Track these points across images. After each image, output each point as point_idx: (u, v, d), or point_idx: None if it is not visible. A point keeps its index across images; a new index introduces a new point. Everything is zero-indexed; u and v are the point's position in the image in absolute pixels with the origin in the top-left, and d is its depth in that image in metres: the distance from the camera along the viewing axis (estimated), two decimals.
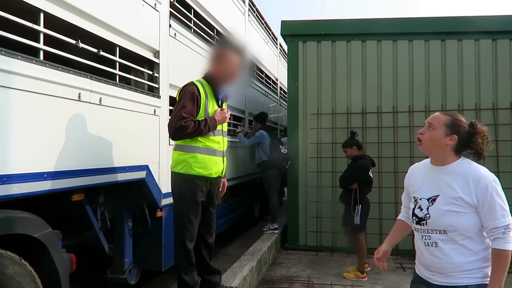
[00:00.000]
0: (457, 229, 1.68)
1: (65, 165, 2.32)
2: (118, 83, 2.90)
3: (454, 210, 1.68)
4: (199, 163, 2.80)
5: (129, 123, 3.01)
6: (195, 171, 2.79)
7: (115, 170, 2.81)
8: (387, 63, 5.29)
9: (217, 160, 2.91)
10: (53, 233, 2.21)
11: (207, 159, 2.83)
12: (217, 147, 2.90)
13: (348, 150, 4.48)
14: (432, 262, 1.75)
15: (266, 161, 5.76)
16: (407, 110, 5.21)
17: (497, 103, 5.04)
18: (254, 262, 4.12)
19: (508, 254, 1.63)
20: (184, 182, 2.82)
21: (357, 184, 4.28)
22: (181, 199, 2.86)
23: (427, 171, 1.83)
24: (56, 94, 2.25)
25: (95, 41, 2.68)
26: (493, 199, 1.65)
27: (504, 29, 5.07)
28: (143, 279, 3.70)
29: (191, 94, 2.76)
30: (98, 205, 2.99)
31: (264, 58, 7.40)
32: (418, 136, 1.82)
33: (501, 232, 1.63)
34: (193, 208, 2.84)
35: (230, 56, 2.95)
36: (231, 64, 2.93)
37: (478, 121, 1.78)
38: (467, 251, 1.69)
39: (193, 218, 2.83)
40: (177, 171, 2.84)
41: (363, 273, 4.27)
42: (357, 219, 4.27)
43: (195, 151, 2.79)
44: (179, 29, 3.78)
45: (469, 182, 1.68)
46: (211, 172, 2.87)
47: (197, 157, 2.79)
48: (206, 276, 3.06)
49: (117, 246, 3.27)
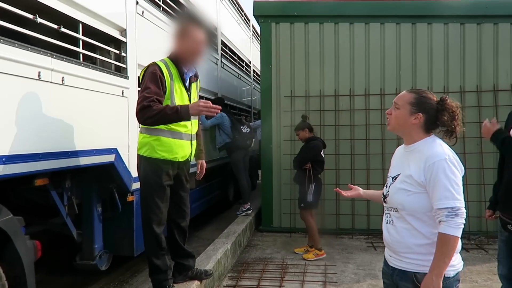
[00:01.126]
0: (405, 208, 1.64)
1: (26, 148, 2.20)
2: (82, 62, 2.75)
3: (404, 188, 1.64)
4: (163, 146, 2.69)
5: (96, 105, 2.88)
6: (159, 155, 2.69)
7: (81, 154, 2.70)
8: (359, 45, 5.31)
9: (183, 143, 2.79)
10: (14, 219, 2.10)
11: (172, 143, 2.71)
12: (184, 130, 2.76)
13: (300, 133, 4.62)
14: (388, 240, 1.73)
15: (229, 142, 5.76)
16: (378, 93, 5.28)
17: (464, 86, 5.18)
18: (228, 244, 4.12)
19: (450, 239, 1.51)
20: (149, 165, 2.72)
21: (310, 164, 4.41)
22: (146, 183, 2.76)
23: (402, 150, 1.81)
24: (13, 73, 2.11)
25: (55, 17, 2.52)
26: (437, 178, 1.55)
27: (471, 13, 5.17)
28: (114, 265, 3.63)
29: (152, 75, 2.60)
30: (64, 190, 2.88)
31: (237, 40, 7.28)
32: (387, 116, 1.78)
33: (444, 215, 1.52)
34: (159, 191, 2.74)
35: (193, 32, 2.78)
36: (195, 41, 2.76)
37: (447, 96, 1.70)
38: (418, 233, 1.61)
39: (159, 202, 2.74)
40: (141, 154, 2.75)
41: (321, 250, 4.41)
42: (310, 197, 4.44)
43: (158, 133, 2.67)
44: (147, 6, 3.63)
45: (422, 160, 1.61)
46: (176, 156, 2.76)
47: (160, 140, 2.68)
48: (180, 260, 3.03)
49: (86, 232, 3.19)
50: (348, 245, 4.89)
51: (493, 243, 4.88)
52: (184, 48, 2.75)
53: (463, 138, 5.06)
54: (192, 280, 3.05)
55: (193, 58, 2.81)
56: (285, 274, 3.88)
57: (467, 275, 3.81)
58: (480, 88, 5.16)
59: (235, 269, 4.08)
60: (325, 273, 3.88)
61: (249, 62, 8.50)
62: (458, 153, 1.67)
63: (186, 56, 2.77)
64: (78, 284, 3.75)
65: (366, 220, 5.29)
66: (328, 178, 5.30)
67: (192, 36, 2.76)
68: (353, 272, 3.92)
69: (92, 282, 3.79)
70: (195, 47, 2.77)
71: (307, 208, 4.49)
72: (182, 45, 2.76)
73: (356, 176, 5.28)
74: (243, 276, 3.82)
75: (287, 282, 3.69)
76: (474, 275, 3.82)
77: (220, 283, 3.66)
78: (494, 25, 5.15)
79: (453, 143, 1.69)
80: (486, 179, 4.90)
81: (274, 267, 4.08)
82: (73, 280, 3.81)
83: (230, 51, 6.84)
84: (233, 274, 3.92)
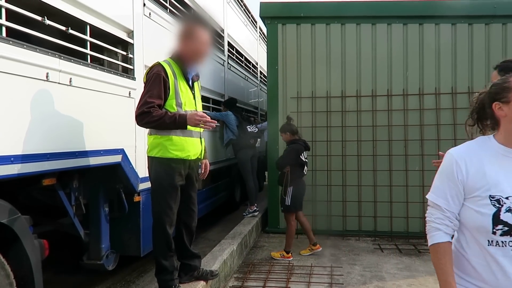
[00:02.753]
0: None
1: (34, 148, 2.23)
2: (90, 64, 2.78)
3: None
4: (175, 146, 2.71)
5: (103, 106, 2.91)
6: (172, 154, 2.71)
7: (88, 154, 2.72)
8: (366, 46, 5.29)
9: (194, 141, 2.83)
10: (22, 218, 2.13)
11: (184, 141, 2.75)
12: (193, 128, 2.79)
13: (283, 135, 4.65)
14: None
15: (233, 139, 5.82)
16: (385, 94, 5.25)
17: (472, 87, 5.11)
18: (234, 245, 4.12)
19: None
20: (161, 166, 2.74)
21: (289, 167, 4.41)
22: (158, 184, 2.78)
23: (501, 157, 1.34)
24: (21, 74, 2.14)
25: (63, 19, 2.56)
26: None
27: (479, 13, 5.11)
28: (121, 265, 3.65)
29: (156, 77, 2.63)
30: (72, 190, 2.90)
31: (244, 42, 7.30)
32: None
33: None
34: (171, 192, 2.76)
35: (198, 34, 2.79)
36: (199, 42, 2.78)
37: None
38: None
39: (171, 203, 2.76)
40: (153, 155, 2.76)
41: (289, 253, 4.43)
42: (288, 200, 4.42)
43: (170, 133, 2.70)
44: (154, 8, 3.66)
45: None
46: (189, 154, 2.79)
47: (172, 139, 2.71)
48: (186, 260, 3.04)
49: (93, 232, 3.20)
50: (355, 246, 4.86)
51: None
52: (189, 49, 2.77)
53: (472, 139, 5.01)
54: (198, 281, 3.06)
55: (197, 58, 2.82)
56: (291, 275, 3.87)
57: None
58: None
59: (241, 270, 4.08)
60: (331, 275, 3.86)
61: (256, 63, 8.51)
62: None
63: (190, 57, 2.78)
64: (85, 284, 3.78)
65: (373, 222, 5.26)
66: (334, 180, 5.29)
67: (197, 37, 2.77)
68: (359, 274, 3.89)
69: (99, 282, 3.81)
70: (199, 48, 2.78)
71: (286, 212, 4.51)
72: (187, 45, 2.78)
73: (362, 177, 5.25)
74: (249, 277, 3.82)
75: (293, 283, 3.68)
76: None
77: (226, 284, 3.66)
78: (502, 25, 5.10)
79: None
80: None
81: (280, 268, 4.07)
82: (80, 280, 3.84)
83: (237, 52, 6.85)
84: (239, 275, 3.92)
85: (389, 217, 5.21)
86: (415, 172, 5.15)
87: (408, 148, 5.19)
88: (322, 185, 5.31)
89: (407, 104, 5.21)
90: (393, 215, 5.20)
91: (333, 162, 5.31)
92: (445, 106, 5.16)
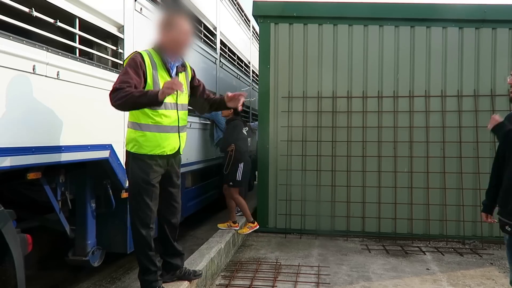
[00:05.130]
0: None
1: (19, 141, 2.19)
2: (79, 57, 2.75)
3: None
4: (149, 142, 2.63)
5: (91, 100, 2.87)
6: (146, 150, 2.63)
7: (75, 149, 2.69)
8: (357, 47, 5.32)
9: (170, 136, 2.71)
10: (5, 212, 2.09)
11: (158, 137, 2.65)
12: (168, 123, 2.68)
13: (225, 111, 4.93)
14: None
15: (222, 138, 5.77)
16: (376, 95, 5.28)
17: (462, 90, 5.18)
18: (222, 244, 4.11)
19: None
20: (135, 162, 2.66)
21: (234, 145, 4.73)
22: (133, 180, 2.69)
23: None
24: (7, 65, 2.10)
25: (52, 12, 2.52)
26: None
27: (469, 17, 5.18)
28: (107, 261, 3.62)
29: (132, 61, 2.54)
30: (58, 185, 2.87)
31: (236, 40, 7.28)
32: None
33: None
34: (147, 189, 2.66)
35: (178, 23, 2.70)
36: (180, 31, 2.68)
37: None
38: None
39: (148, 200, 2.66)
40: (129, 150, 2.69)
41: (254, 223, 4.83)
42: (239, 176, 4.74)
43: (143, 129, 2.62)
44: (145, 3, 3.63)
45: None
46: (164, 150, 2.69)
47: (146, 135, 2.62)
48: (168, 258, 2.98)
49: (79, 228, 3.17)
50: (343, 247, 4.88)
51: (488, 248, 4.89)
52: (169, 39, 2.67)
53: (460, 142, 5.07)
54: (182, 280, 3.01)
55: (178, 49, 2.73)
56: (278, 274, 3.87)
57: (460, 279, 3.81)
58: (478, 92, 5.16)
59: (228, 268, 4.07)
60: (318, 274, 3.87)
61: (249, 62, 8.50)
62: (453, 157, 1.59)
63: (171, 47, 2.69)
64: (69, 281, 3.74)
65: (361, 222, 5.29)
66: (324, 180, 5.31)
67: (177, 26, 2.68)
68: (346, 274, 3.91)
69: (84, 279, 3.77)
70: (180, 38, 2.69)
71: (236, 187, 4.77)
72: (167, 35, 2.68)
73: (352, 178, 5.28)
74: (236, 276, 3.81)
75: (280, 282, 3.68)
76: (468, 279, 3.82)
77: (213, 282, 3.65)
78: (492, 29, 5.16)
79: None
80: (482, 183, 4.90)
81: (267, 267, 4.07)
82: (65, 276, 3.80)
83: (229, 51, 6.83)
84: (226, 273, 3.91)
85: (377, 218, 5.24)
86: (403, 174, 5.20)
87: (397, 149, 5.23)
88: (312, 185, 5.33)
89: (397, 106, 5.25)
90: (381, 216, 5.23)
91: (323, 162, 5.32)
92: (434, 108, 5.21)
